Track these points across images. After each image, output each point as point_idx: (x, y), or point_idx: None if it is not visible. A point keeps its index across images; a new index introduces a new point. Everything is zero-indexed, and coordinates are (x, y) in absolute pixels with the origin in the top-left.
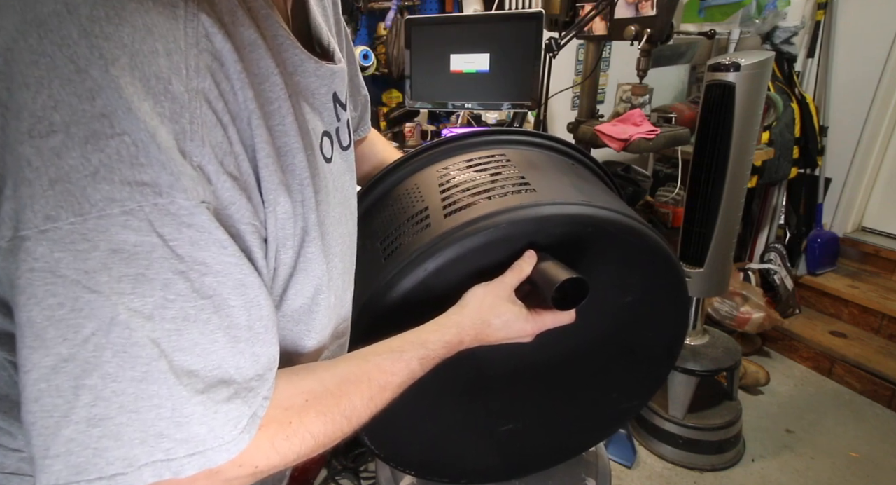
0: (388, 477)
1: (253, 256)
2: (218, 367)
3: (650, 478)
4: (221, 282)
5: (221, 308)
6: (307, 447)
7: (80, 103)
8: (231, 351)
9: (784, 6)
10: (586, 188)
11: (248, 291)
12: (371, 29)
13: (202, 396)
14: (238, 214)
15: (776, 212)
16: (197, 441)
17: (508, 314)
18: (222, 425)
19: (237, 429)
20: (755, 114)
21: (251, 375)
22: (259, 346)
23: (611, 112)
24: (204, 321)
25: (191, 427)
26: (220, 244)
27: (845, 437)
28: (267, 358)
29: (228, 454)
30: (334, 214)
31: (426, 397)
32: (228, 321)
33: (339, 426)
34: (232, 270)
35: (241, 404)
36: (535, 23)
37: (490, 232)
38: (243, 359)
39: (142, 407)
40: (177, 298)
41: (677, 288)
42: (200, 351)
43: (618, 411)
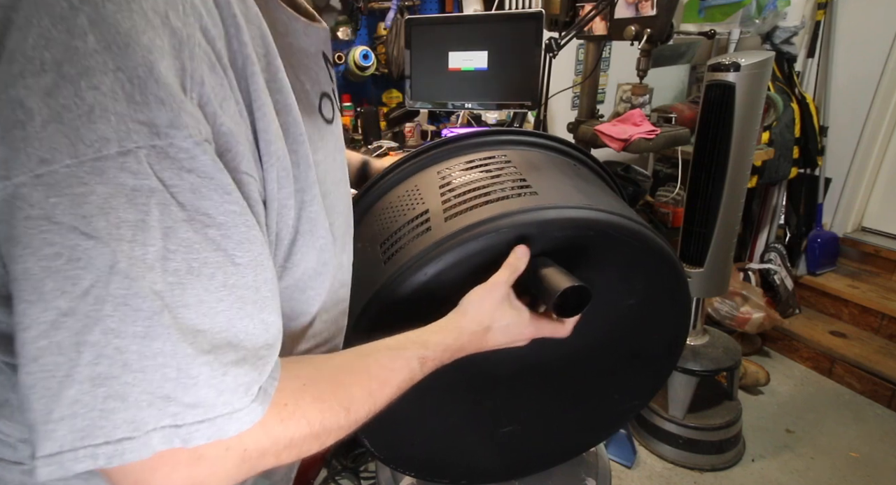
0: (387, 478)
1: (255, 210)
2: (225, 329)
3: (650, 478)
4: (225, 235)
5: (226, 264)
6: (301, 433)
7: (73, 40)
8: (238, 313)
9: (784, 6)
10: (588, 190)
11: (252, 248)
12: (371, 29)
13: (209, 356)
14: (236, 161)
15: (776, 212)
16: (206, 407)
17: (509, 318)
18: (232, 390)
19: (248, 396)
20: (755, 114)
21: (260, 342)
22: (267, 312)
23: (611, 112)
24: (208, 276)
25: (198, 390)
26: (223, 190)
27: (845, 437)
28: (276, 327)
29: (240, 425)
30: (334, 176)
31: (427, 398)
32: (234, 280)
33: (336, 417)
34: (236, 222)
35: (251, 369)
36: (535, 23)
37: (491, 236)
38: (252, 324)
39: (147, 366)
40: (178, 249)
41: (679, 290)
42: (206, 310)
43: (618, 412)
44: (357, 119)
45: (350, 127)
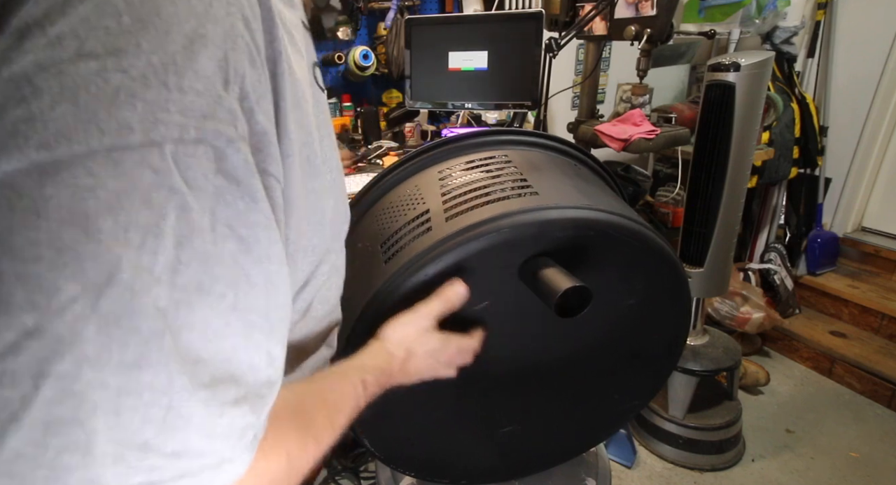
0: (387, 478)
1: (277, 218)
2: (228, 359)
3: (650, 478)
4: (245, 250)
5: (239, 283)
6: (281, 469)
7: (103, 18)
8: (245, 342)
9: (784, 6)
10: (589, 190)
11: (270, 267)
12: (371, 29)
13: (206, 391)
14: (265, 162)
15: (776, 212)
16: (191, 456)
17: (432, 343)
18: (225, 436)
19: (241, 442)
20: (755, 114)
21: (263, 378)
22: (274, 342)
23: (611, 112)
24: (218, 296)
25: (187, 435)
26: (251, 198)
27: (845, 437)
28: (280, 361)
29: (227, 478)
30: (329, 143)
31: (427, 399)
32: (246, 302)
33: (308, 448)
34: (258, 236)
35: (249, 411)
36: (535, 23)
37: (492, 236)
38: (257, 355)
39: (123, 407)
40: (192, 262)
41: (679, 290)
42: (211, 335)
43: (618, 412)
44: (357, 119)
45: (350, 127)
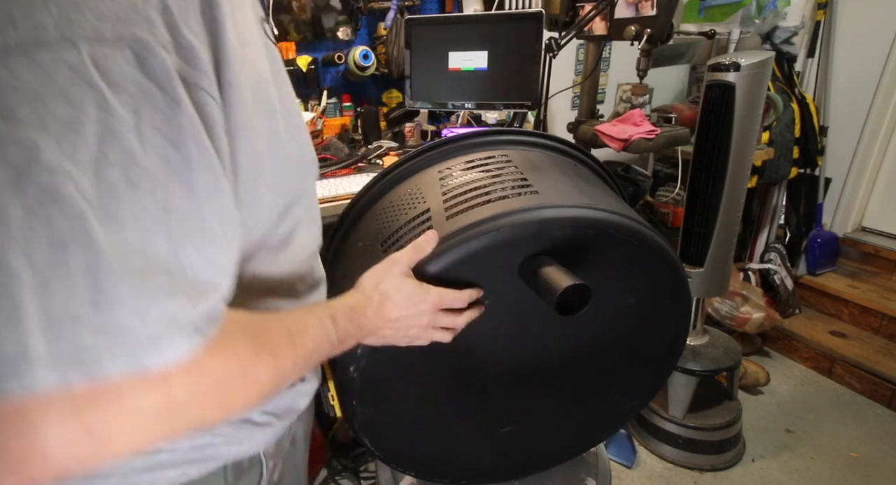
0: (387, 478)
1: (213, 133)
2: (162, 255)
3: (650, 478)
4: (175, 155)
5: (171, 184)
6: (230, 370)
7: None
8: (180, 241)
9: (784, 6)
10: (589, 190)
11: (203, 175)
12: (371, 29)
13: (136, 277)
14: (196, 78)
15: (776, 212)
16: (124, 333)
17: (408, 288)
18: (158, 320)
19: (176, 330)
20: (755, 114)
21: (203, 279)
22: (215, 248)
23: (611, 112)
24: (149, 193)
25: (118, 312)
26: (175, 103)
27: (845, 437)
28: (226, 269)
29: (163, 358)
30: (288, 93)
31: (427, 399)
32: (179, 203)
33: (262, 358)
34: (185, 141)
35: (187, 303)
36: (535, 23)
37: (492, 235)
38: (196, 256)
39: (52, 282)
40: (117, 158)
41: (679, 290)
42: (142, 230)
43: (618, 412)
44: (357, 119)
45: (350, 127)
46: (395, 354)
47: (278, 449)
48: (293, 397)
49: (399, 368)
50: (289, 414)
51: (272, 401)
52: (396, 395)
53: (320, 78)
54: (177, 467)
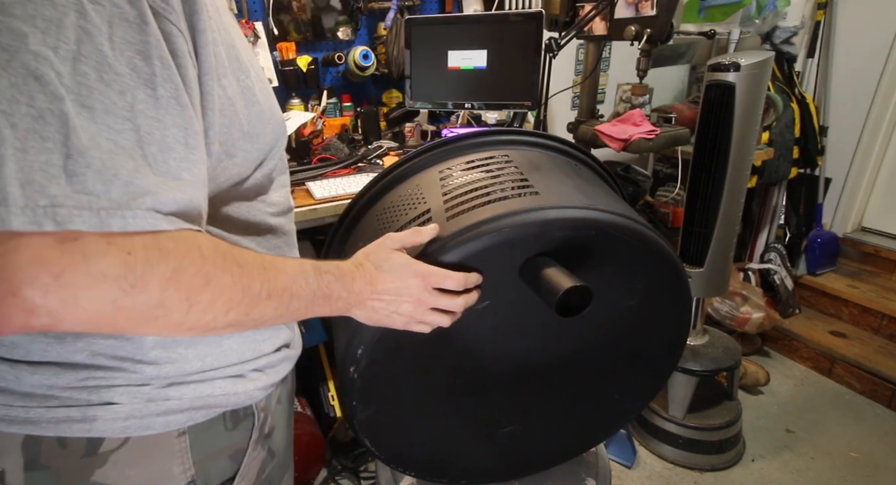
0: (387, 478)
1: (180, 62)
2: (129, 145)
3: (650, 478)
4: (143, 65)
5: (139, 88)
6: (193, 262)
7: None
8: (147, 138)
9: (784, 6)
10: (589, 190)
11: (168, 87)
12: (371, 29)
13: (106, 154)
14: (165, 11)
15: (776, 212)
16: (88, 195)
17: (397, 259)
18: (121, 191)
19: (137, 203)
20: (755, 114)
21: (167, 174)
22: (173, 155)
23: (611, 112)
24: (118, 91)
25: (87, 179)
26: (144, 22)
27: (845, 437)
28: (191, 183)
29: (124, 223)
30: (256, 64)
31: (427, 399)
32: (145, 107)
33: (229, 269)
34: (151, 55)
35: (151, 185)
36: (535, 23)
37: (493, 236)
38: (160, 155)
39: (32, 146)
40: (91, 56)
41: (680, 290)
42: (111, 121)
43: (618, 412)
44: (357, 119)
45: (350, 127)
46: (395, 355)
47: (268, 404)
48: (278, 359)
49: (399, 368)
50: (274, 374)
51: (261, 360)
52: (396, 395)
53: (320, 78)
54: (184, 412)
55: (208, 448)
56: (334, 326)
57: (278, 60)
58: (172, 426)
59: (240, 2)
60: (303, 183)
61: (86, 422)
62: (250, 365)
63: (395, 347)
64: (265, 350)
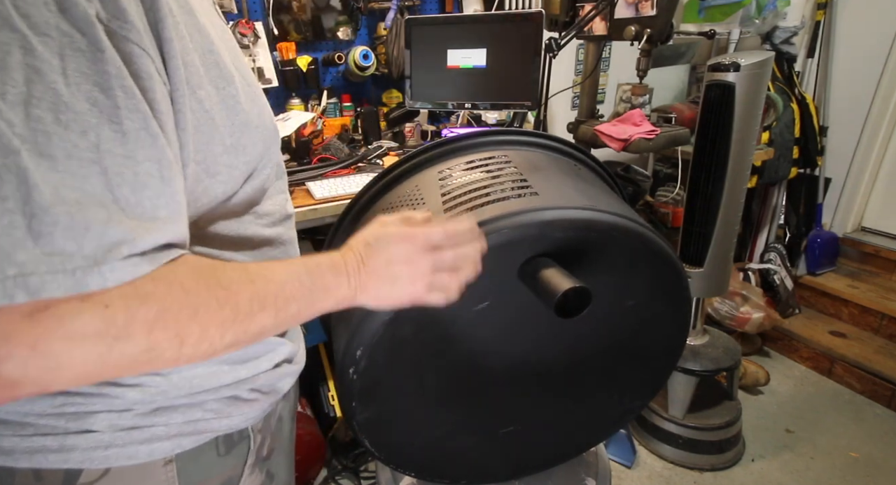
0: (387, 478)
1: (146, 85)
2: (98, 192)
3: (650, 478)
4: (104, 97)
5: (102, 126)
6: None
7: None
8: (117, 180)
9: (784, 6)
10: (589, 191)
11: (136, 118)
12: (371, 29)
13: (72, 206)
14: (124, 30)
15: (776, 212)
16: (62, 256)
17: (389, 230)
18: (95, 246)
19: (113, 256)
20: (755, 114)
21: (142, 214)
22: (151, 191)
23: (611, 112)
24: (79, 133)
25: (55, 239)
26: (98, 49)
27: (845, 437)
28: (172, 211)
29: (97, 282)
30: (248, 71)
31: (427, 400)
32: (111, 146)
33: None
34: (112, 86)
35: (125, 232)
36: (535, 23)
37: (492, 237)
38: (133, 196)
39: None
40: (44, 98)
41: (680, 291)
42: (75, 167)
43: (618, 412)
44: (357, 119)
45: (350, 127)
46: (394, 356)
47: (266, 425)
48: (278, 376)
49: (399, 369)
50: (274, 393)
51: (259, 378)
52: (396, 396)
53: (320, 78)
54: (171, 439)
55: (198, 477)
56: (334, 327)
57: (278, 60)
58: (158, 455)
59: (240, 2)
60: (303, 183)
61: (63, 452)
62: (246, 385)
63: (394, 348)
64: (263, 367)
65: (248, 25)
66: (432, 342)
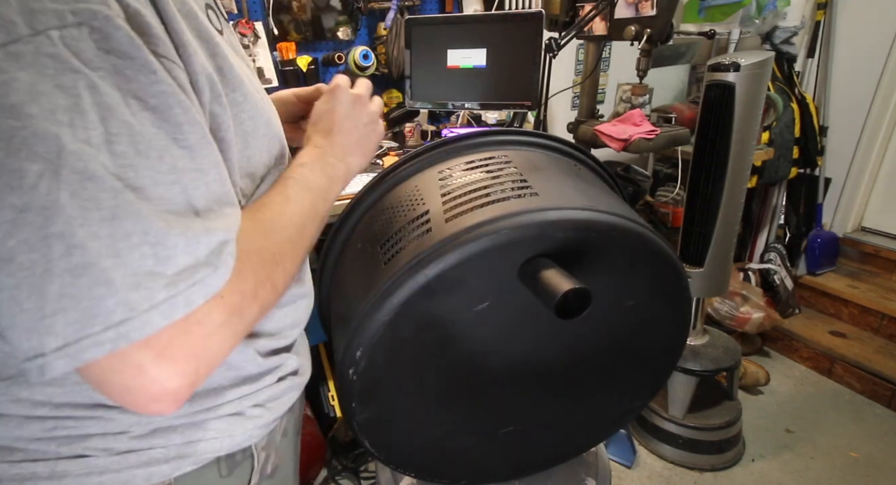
0: (387, 478)
1: (189, 97)
2: (186, 204)
3: (650, 478)
4: (163, 118)
5: (171, 147)
6: (256, 268)
7: None
8: (195, 193)
9: (784, 6)
10: (590, 191)
11: (195, 130)
12: (371, 29)
13: (180, 226)
14: (153, 44)
15: (776, 212)
16: (189, 272)
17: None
18: (208, 255)
19: (223, 257)
20: (755, 114)
21: (223, 211)
22: (219, 192)
23: (611, 112)
24: (157, 158)
25: (179, 260)
26: (148, 69)
27: (845, 437)
28: (232, 198)
29: (222, 278)
30: (254, 84)
31: (427, 400)
32: (183, 163)
33: (272, 238)
34: (170, 104)
35: (222, 232)
36: (535, 23)
37: (492, 238)
38: (204, 201)
39: (121, 249)
40: (121, 133)
41: (680, 291)
42: (163, 191)
43: (618, 412)
44: None
45: None
46: (394, 356)
47: (270, 441)
48: (283, 390)
49: (398, 370)
50: (279, 407)
51: (262, 393)
52: (396, 396)
53: (320, 78)
54: (170, 461)
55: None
56: (334, 327)
57: (278, 60)
58: (156, 479)
59: (240, 2)
60: None
61: (54, 479)
62: (250, 400)
63: (394, 348)
64: (267, 382)
65: (248, 25)
66: (432, 342)
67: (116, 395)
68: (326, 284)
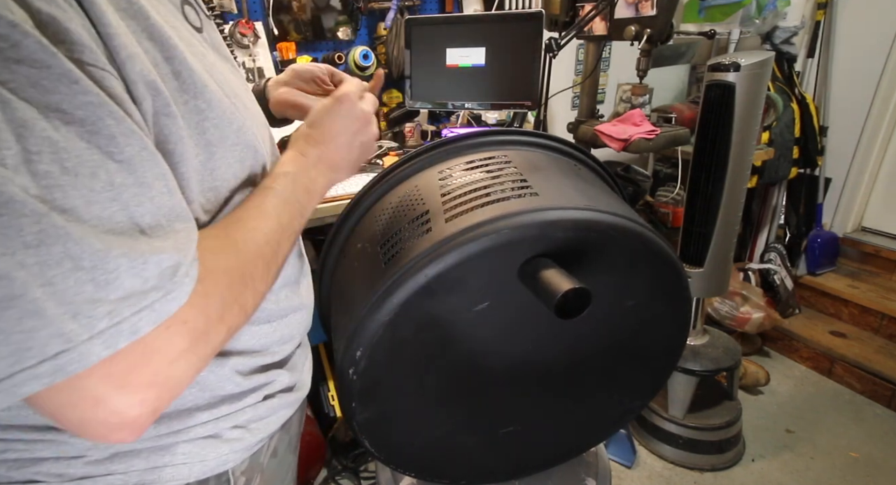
0: (387, 478)
1: (125, 108)
2: (128, 223)
3: (650, 478)
4: (92, 131)
5: (106, 162)
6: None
7: None
8: (138, 210)
9: (784, 6)
10: (590, 191)
11: (132, 141)
12: (371, 29)
13: (122, 247)
14: (77, 53)
15: (776, 212)
16: (136, 297)
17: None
18: (158, 277)
19: (176, 279)
20: (755, 114)
21: (174, 229)
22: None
23: (611, 112)
24: (89, 175)
25: (123, 283)
26: (68, 79)
27: (845, 437)
28: (185, 212)
29: (177, 302)
30: (235, 84)
31: (427, 400)
32: (122, 178)
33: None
34: (99, 115)
35: (174, 252)
36: (535, 23)
37: (492, 238)
38: (152, 218)
39: (53, 277)
40: (42, 150)
41: (680, 291)
42: (99, 211)
43: (618, 412)
44: None
45: None
46: (394, 356)
47: (253, 464)
48: (270, 409)
49: (398, 369)
50: (264, 427)
51: (244, 413)
52: (396, 396)
53: None
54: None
55: None
56: (334, 327)
57: (278, 60)
58: None
59: (240, 2)
60: None
61: None
62: (228, 421)
63: (394, 348)
64: (250, 401)
65: (248, 25)
66: (432, 342)
67: (75, 428)
68: (326, 283)
